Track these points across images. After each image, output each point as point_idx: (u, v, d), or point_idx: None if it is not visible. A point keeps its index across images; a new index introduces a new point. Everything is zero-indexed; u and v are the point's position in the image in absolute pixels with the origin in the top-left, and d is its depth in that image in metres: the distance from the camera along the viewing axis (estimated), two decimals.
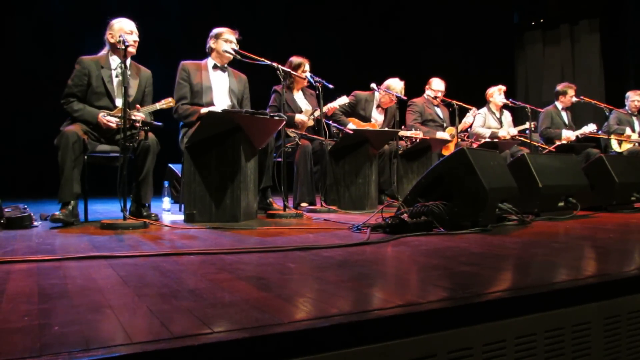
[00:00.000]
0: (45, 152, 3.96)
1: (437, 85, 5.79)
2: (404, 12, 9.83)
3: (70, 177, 3.18)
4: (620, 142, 6.48)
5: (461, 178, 2.85)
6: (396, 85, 5.22)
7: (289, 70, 4.13)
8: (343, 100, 4.83)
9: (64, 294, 1.38)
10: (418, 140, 5.30)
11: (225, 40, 3.86)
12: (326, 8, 8.83)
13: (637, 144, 6.44)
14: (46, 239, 2.62)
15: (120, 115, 3.31)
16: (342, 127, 4.67)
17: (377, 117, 5.34)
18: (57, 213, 3.15)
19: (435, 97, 5.77)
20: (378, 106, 5.35)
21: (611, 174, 4.01)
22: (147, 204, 3.50)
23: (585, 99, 6.12)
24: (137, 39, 3.53)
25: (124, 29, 3.48)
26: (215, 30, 3.92)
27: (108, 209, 4.47)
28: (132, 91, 3.53)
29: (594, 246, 2.29)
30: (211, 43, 3.92)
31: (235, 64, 3.98)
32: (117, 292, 1.40)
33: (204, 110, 3.70)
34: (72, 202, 3.23)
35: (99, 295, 1.36)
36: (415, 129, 5.46)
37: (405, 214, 2.74)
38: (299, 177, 4.31)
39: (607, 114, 6.35)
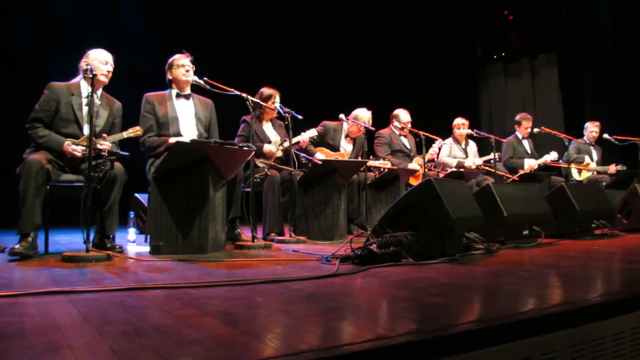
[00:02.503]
0: (4, 180, 3.84)
1: (404, 116, 5.88)
2: (370, 44, 10.06)
3: (31, 207, 3.08)
4: (580, 171, 6.70)
5: (428, 208, 2.88)
6: (363, 115, 5.29)
7: (258, 101, 4.15)
8: (312, 132, 4.87)
9: (19, 333, 1.32)
10: (386, 170, 5.36)
11: (177, 67, 3.89)
12: (295, 39, 8.96)
13: (595, 172, 6.67)
14: (2, 272, 2.52)
15: (86, 144, 3.26)
16: (311, 157, 4.68)
17: (346, 147, 5.39)
18: (16, 247, 3.04)
19: (403, 128, 5.85)
20: (347, 136, 5.40)
21: (572, 202, 4.12)
22: (111, 236, 3.41)
23: (545, 129, 6.32)
24: (111, 70, 3.51)
25: (98, 59, 3.47)
26: (168, 61, 3.95)
27: (70, 240, 4.34)
28: (101, 121, 3.50)
29: (558, 274, 2.33)
30: (168, 75, 3.95)
31: (205, 94, 3.97)
32: (77, 331, 1.35)
33: (172, 140, 3.66)
34: (32, 233, 3.13)
35: (57, 334, 1.30)
36: (387, 162, 5.53)
37: (374, 245, 2.75)
38: (267, 207, 4.29)
39: (567, 143, 6.58)
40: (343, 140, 5.38)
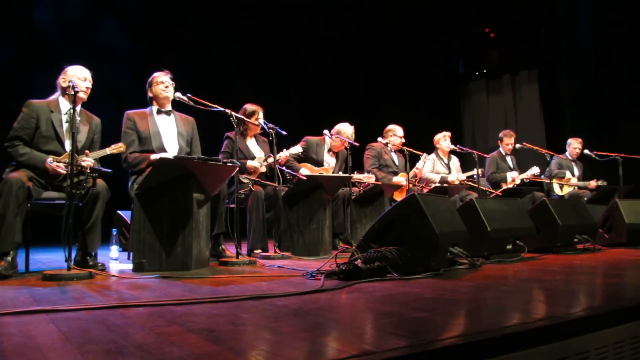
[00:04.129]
0: None
1: (399, 131, 5.89)
2: (353, 61, 10.15)
3: (11, 226, 3.03)
4: (561, 186, 6.79)
5: (413, 223, 2.90)
6: (346, 129, 5.32)
7: (242, 117, 4.15)
8: (296, 149, 4.88)
9: None
10: (371, 184, 5.38)
11: (157, 84, 3.90)
12: (279, 56, 9.02)
13: (577, 187, 6.76)
14: None
15: (68, 160, 3.24)
16: (295, 173, 4.69)
17: (329, 161, 5.41)
18: None
19: (387, 144, 5.87)
20: (329, 150, 5.42)
21: (554, 217, 4.16)
22: (93, 253, 3.37)
23: (527, 145, 6.41)
24: (90, 86, 3.50)
25: (77, 75, 3.45)
26: (148, 80, 3.96)
27: (51, 259, 4.27)
28: (82, 137, 3.48)
29: (541, 288, 2.35)
30: (148, 93, 3.96)
31: (188, 110, 3.97)
32: (58, 350, 1.32)
33: (154, 156, 3.65)
34: (11, 252, 3.07)
35: (37, 354, 1.28)
36: (373, 175, 5.54)
37: (359, 260, 2.74)
38: (252, 223, 4.27)
39: (549, 159, 6.67)
40: (326, 154, 5.40)
